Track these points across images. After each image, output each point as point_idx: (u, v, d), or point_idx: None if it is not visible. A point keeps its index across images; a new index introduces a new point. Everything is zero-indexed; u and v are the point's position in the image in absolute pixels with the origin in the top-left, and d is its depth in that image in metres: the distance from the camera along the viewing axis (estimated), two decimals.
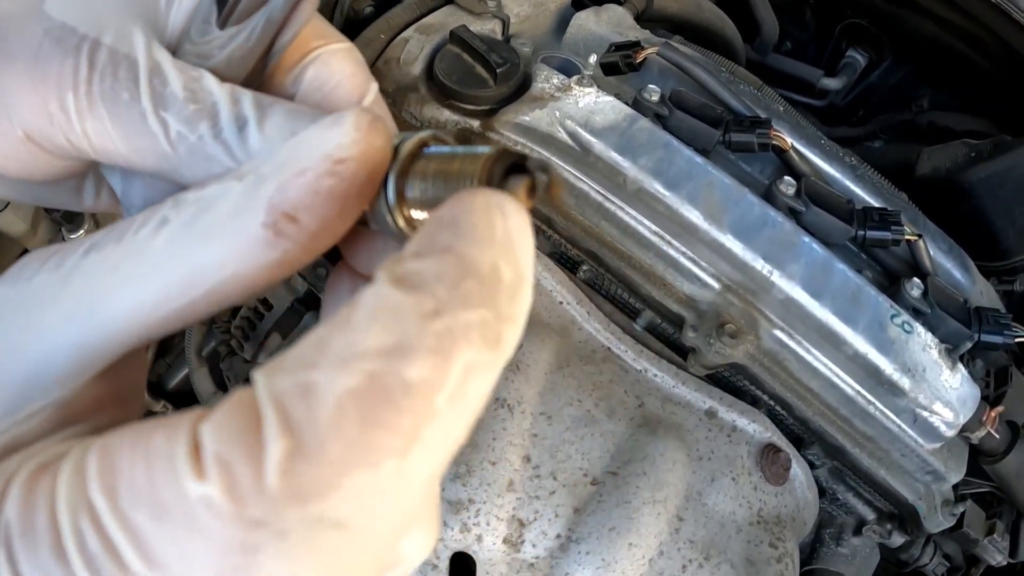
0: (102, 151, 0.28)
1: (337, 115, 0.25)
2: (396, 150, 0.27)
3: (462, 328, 0.20)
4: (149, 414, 1.27)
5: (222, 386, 1.10)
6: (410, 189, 0.26)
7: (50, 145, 0.29)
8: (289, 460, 0.18)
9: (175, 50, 0.30)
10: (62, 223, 1.24)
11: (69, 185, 0.35)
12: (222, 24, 0.30)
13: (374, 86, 0.32)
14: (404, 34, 0.92)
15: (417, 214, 0.26)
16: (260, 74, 0.31)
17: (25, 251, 1.30)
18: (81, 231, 1.23)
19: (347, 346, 0.19)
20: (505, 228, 0.22)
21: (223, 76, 0.30)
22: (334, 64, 0.31)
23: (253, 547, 0.18)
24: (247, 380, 0.21)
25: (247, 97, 0.28)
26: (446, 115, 0.84)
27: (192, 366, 1.10)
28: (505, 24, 0.94)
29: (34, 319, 0.24)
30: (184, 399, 1.27)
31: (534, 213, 0.83)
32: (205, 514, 0.18)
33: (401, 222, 0.26)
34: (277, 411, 0.18)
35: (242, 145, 0.27)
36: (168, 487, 0.18)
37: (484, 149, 0.25)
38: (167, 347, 1.30)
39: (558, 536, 0.66)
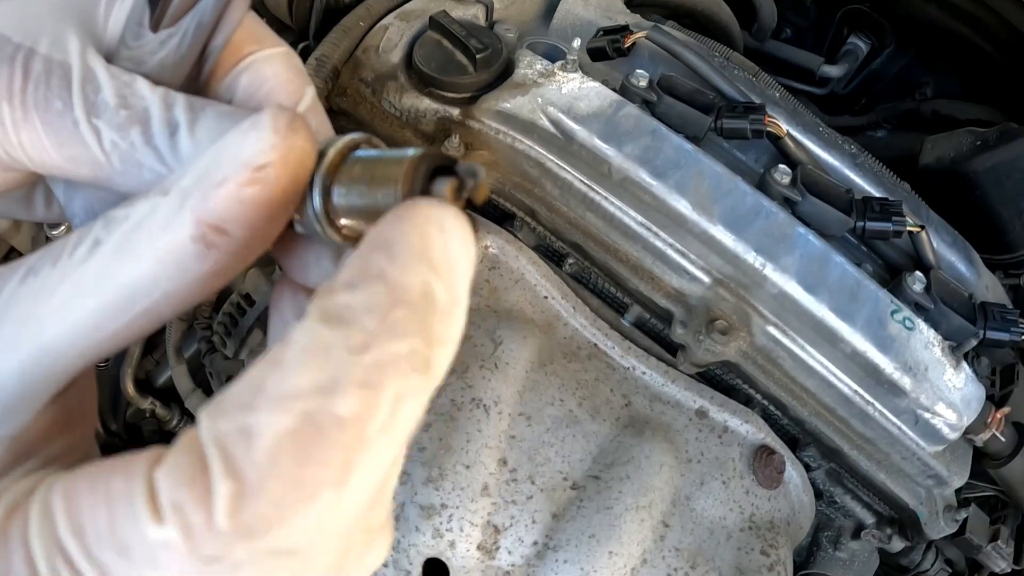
0: (38, 161, 0.28)
1: (254, 118, 0.25)
2: (323, 154, 0.26)
3: (391, 359, 0.20)
4: (138, 413, 1.25)
5: (202, 383, 1.07)
6: (336, 195, 0.26)
7: None
8: (235, 501, 0.19)
9: (113, 55, 0.30)
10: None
11: (17, 196, 0.34)
12: (154, 27, 0.29)
13: (310, 90, 0.31)
14: (384, 21, 0.89)
15: (346, 221, 0.26)
16: (196, 79, 0.31)
17: (11, 249, 1.28)
18: (63, 227, 1.20)
19: (281, 387, 0.20)
20: (443, 245, 0.22)
21: (157, 82, 0.29)
22: (268, 70, 0.31)
23: None
24: (229, 379, 0.21)
25: (179, 101, 0.28)
26: (426, 103, 0.81)
27: (171, 364, 1.08)
28: (489, 9, 0.90)
29: None
30: (172, 396, 1.25)
31: (518, 205, 0.80)
32: (165, 553, 0.20)
33: (329, 230, 0.26)
34: (220, 455, 0.20)
35: (173, 150, 0.27)
36: (129, 529, 0.20)
37: (411, 151, 0.24)
38: (154, 344, 1.27)
39: (535, 543, 0.63)
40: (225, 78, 0.31)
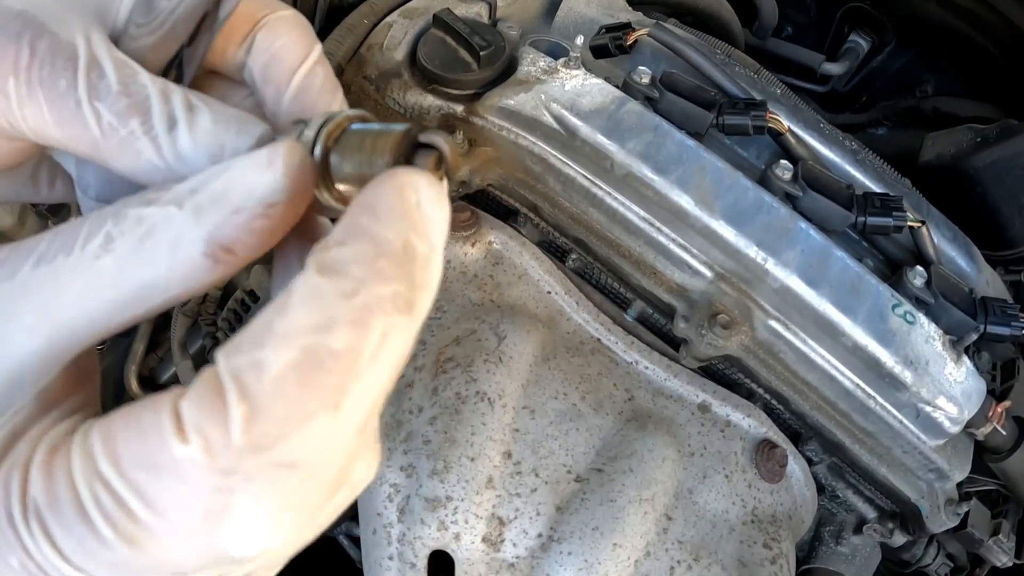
0: (40, 134, 0.31)
1: (270, 152, 0.28)
2: (325, 123, 0.30)
3: (377, 301, 0.24)
4: None
5: None
6: (333, 163, 0.29)
7: None
8: (247, 421, 0.23)
9: (120, 34, 0.32)
10: (48, 216, 1.22)
11: (23, 175, 0.37)
12: None
13: (318, 47, 0.35)
14: (388, 19, 0.89)
15: (343, 188, 0.29)
16: (205, 48, 0.34)
17: None
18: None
19: (284, 326, 0.24)
20: (418, 203, 0.26)
21: (162, 48, 0.32)
22: (281, 27, 0.35)
23: (228, 489, 0.23)
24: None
25: (177, 95, 0.30)
26: (429, 100, 0.81)
27: (176, 359, 1.08)
28: (492, 7, 0.91)
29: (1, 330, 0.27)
30: None
31: (522, 201, 0.81)
32: (190, 468, 0.23)
33: (326, 195, 0.29)
34: (235, 384, 0.23)
35: (172, 145, 0.30)
36: (160, 452, 0.24)
37: (398, 126, 0.28)
38: (157, 342, 1.28)
39: (539, 535, 0.63)
40: (243, 42, 0.35)
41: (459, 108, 0.80)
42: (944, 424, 0.74)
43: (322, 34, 0.95)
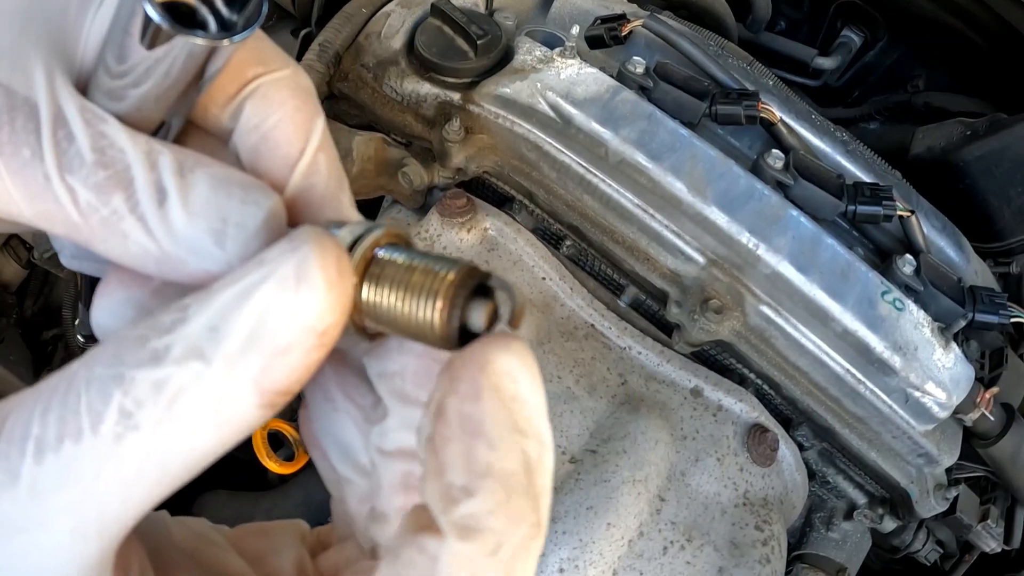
0: (5, 213, 0.25)
1: (298, 266, 0.22)
2: (350, 246, 0.25)
3: (520, 544, 0.23)
4: None
5: None
6: (366, 293, 0.24)
7: None
8: None
9: (87, 81, 0.26)
10: None
11: None
12: (150, 44, 0.24)
13: (319, 122, 0.28)
14: (386, 8, 0.90)
15: (371, 324, 0.25)
16: (189, 105, 0.28)
17: (11, 237, 1.28)
18: None
19: None
20: (522, 400, 0.23)
21: (139, 113, 0.26)
22: (275, 97, 0.28)
23: None
24: None
25: (165, 159, 0.25)
26: (426, 88, 0.82)
27: None
28: None
29: (22, 547, 0.23)
30: None
31: (517, 188, 0.81)
32: None
33: (351, 328, 0.25)
34: None
35: (163, 222, 0.24)
36: None
37: (443, 265, 0.24)
38: None
39: None
40: (228, 105, 0.28)
41: (456, 96, 0.81)
42: (933, 409, 0.75)
43: (320, 22, 0.95)
